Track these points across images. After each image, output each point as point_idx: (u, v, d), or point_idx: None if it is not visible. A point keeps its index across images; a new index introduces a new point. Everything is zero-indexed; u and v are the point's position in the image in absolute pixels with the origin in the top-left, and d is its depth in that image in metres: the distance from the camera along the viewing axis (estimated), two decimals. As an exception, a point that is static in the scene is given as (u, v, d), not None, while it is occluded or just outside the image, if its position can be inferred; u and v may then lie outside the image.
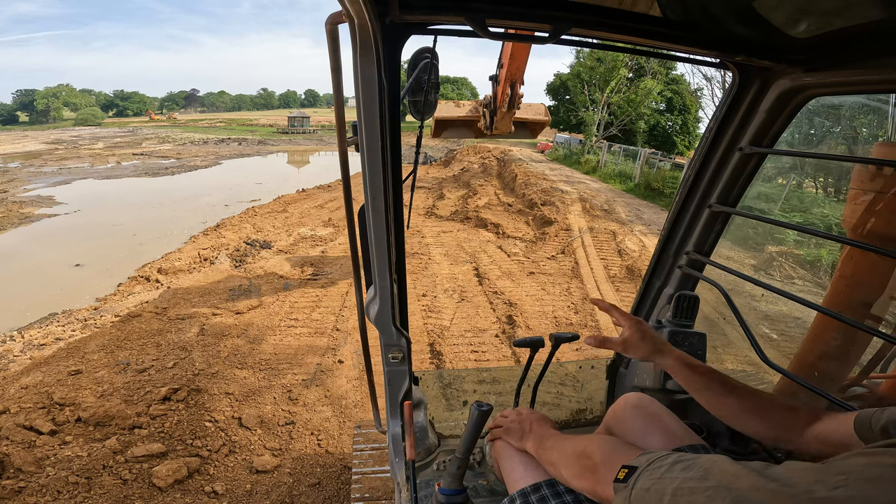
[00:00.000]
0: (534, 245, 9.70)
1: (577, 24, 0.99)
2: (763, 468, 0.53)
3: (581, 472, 0.92)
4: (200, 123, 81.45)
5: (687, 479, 0.60)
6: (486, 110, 6.53)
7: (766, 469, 0.53)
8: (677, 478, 0.62)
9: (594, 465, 0.88)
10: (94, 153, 34.90)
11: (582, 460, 0.93)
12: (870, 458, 0.49)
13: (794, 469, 0.52)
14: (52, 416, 3.62)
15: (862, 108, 5.39)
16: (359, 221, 1.25)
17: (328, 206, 14.31)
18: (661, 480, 0.64)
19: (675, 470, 0.64)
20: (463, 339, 5.46)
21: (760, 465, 0.55)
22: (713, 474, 0.57)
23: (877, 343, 1.71)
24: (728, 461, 0.58)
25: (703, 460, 0.61)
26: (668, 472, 0.64)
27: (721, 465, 0.58)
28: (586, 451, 0.93)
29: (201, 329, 5.45)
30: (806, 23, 1.01)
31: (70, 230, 12.67)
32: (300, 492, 3.11)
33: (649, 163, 19.44)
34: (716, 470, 0.57)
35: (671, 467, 0.65)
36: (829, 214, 7.38)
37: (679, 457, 0.67)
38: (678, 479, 0.61)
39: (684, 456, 0.66)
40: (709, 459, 0.61)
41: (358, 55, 0.93)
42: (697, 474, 0.59)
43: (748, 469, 0.54)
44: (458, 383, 2.23)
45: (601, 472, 0.85)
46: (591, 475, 0.88)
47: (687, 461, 0.64)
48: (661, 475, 0.65)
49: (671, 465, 0.65)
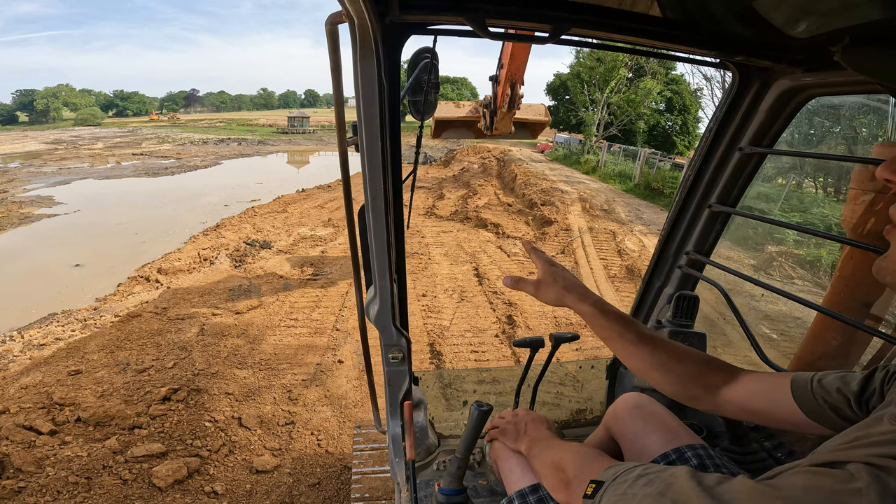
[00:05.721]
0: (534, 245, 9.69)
1: (576, 24, 0.99)
2: (716, 484, 0.53)
3: (556, 486, 0.91)
4: (200, 123, 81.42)
5: (647, 495, 0.60)
6: (486, 111, 6.52)
7: (717, 486, 0.53)
8: (637, 494, 0.62)
9: (567, 479, 0.87)
10: (93, 153, 34.90)
11: (557, 473, 0.92)
12: (810, 480, 0.48)
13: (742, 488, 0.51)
14: (52, 416, 3.61)
15: (862, 108, 5.40)
16: (359, 221, 1.25)
17: (328, 206, 14.31)
18: (624, 497, 0.64)
19: (637, 485, 0.63)
20: (463, 339, 5.46)
21: (715, 479, 0.54)
22: (671, 491, 0.57)
23: (877, 343, 1.71)
24: (687, 476, 0.57)
25: (666, 475, 0.61)
26: (630, 488, 0.64)
27: (679, 482, 0.57)
28: (561, 463, 0.92)
29: (201, 329, 5.45)
30: (806, 23, 1.01)
31: (70, 230, 12.67)
32: (300, 492, 3.11)
33: (649, 163, 19.44)
34: (676, 486, 0.57)
35: (634, 482, 0.64)
36: (828, 214, 7.38)
37: (644, 469, 0.66)
38: (638, 495, 0.61)
39: (650, 468, 0.66)
40: (671, 474, 0.60)
41: (358, 55, 0.93)
42: (657, 490, 0.59)
43: (700, 487, 0.53)
44: (458, 383, 2.23)
45: (574, 486, 0.84)
46: (566, 489, 0.87)
47: (650, 475, 0.63)
48: (623, 490, 0.65)
49: (634, 480, 0.65)
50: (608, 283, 7.48)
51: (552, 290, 1.02)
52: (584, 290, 1.01)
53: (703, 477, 0.56)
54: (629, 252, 9.02)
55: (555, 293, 1.02)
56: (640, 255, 8.78)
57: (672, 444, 1.16)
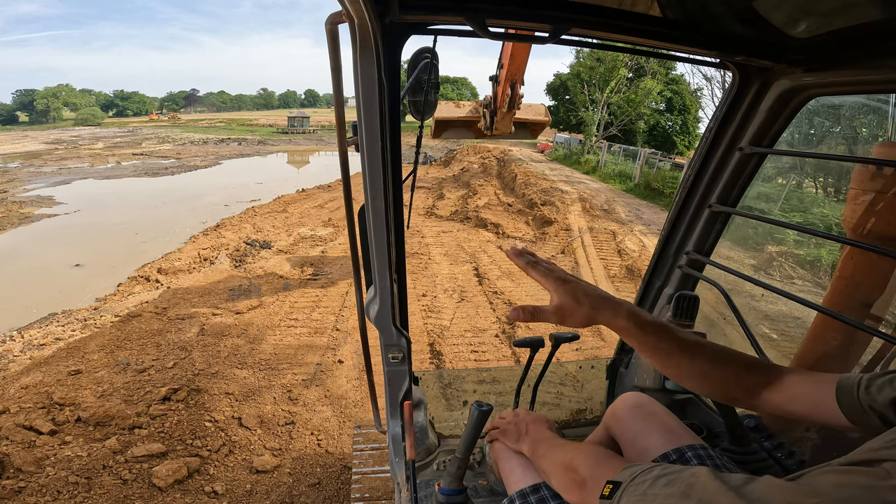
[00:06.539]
0: (534, 245, 9.70)
1: (576, 24, 0.99)
2: (742, 484, 0.53)
3: (569, 486, 0.90)
4: (200, 123, 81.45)
5: (669, 495, 0.59)
6: (487, 111, 6.53)
7: (744, 486, 0.52)
8: (659, 494, 0.61)
9: (581, 479, 0.86)
10: (93, 153, 34.90)
11: (569, 473, 0.91)
12: (842, 478, 0.48)
13: (771, 487, 0.51)
14: (52, 416, 3.61)
15: (862, 108, 5.39)
16: (359, 221, 1.25)
17: (328, 206, 14.32)
18: (645, 497, 0.63)
19: (657, 485, 0.63)
20: (463, 339, 5.46)
21: (741, 479, 0.54)
22: (695, 491, 0.56)
23: (877, 343, 1.71)
24: (710, 476, 0.56)
25: (686, 474, 0.60)
26: (650, 488, 0.63)
27: (703, 482, 0.56)
28: (573, 463, 0.92)
29: (201, 329, 5.45)
30: (806, 23, 1.01)
31: (70, 230, 12.68)
32: (300, 492, 3.11)
33: (649, 163, 19.45)
34: (698, 486, 0.56)
35: (654, 482, 0.64)
36: (828, 214, 7.37)
37: (663, 469, 0.65)
38: (660, 495, 0.61)
39: (668, 468, 0.65)
40: (692, 474, 0.59)
41: (358, 55, 0.93)
42: (679, 490, 0.58)
43: (727, 487, 0.53)
44: (458, 383, 2.23)
45: (588, 486, 0.83)
46: (579, 490, 0.86)
47: (670, 475, 0.63)
48: (644, 491, 0.64)
49: (654, 480, 0.64)
50: (608, 283, 7.48)
51: (580, 312, 0.86)
52: (614, 302, 0.88)
53: (726, 477, 0.55)
54: (629, 252, 9.02)
55: (584, 316, 0.87)
56: (640, 255, 8.78)
57: (672, 444, 1.16)
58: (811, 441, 1.69)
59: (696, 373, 0.87)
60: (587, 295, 0.87)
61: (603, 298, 0.88)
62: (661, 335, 0.87)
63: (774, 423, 1.70)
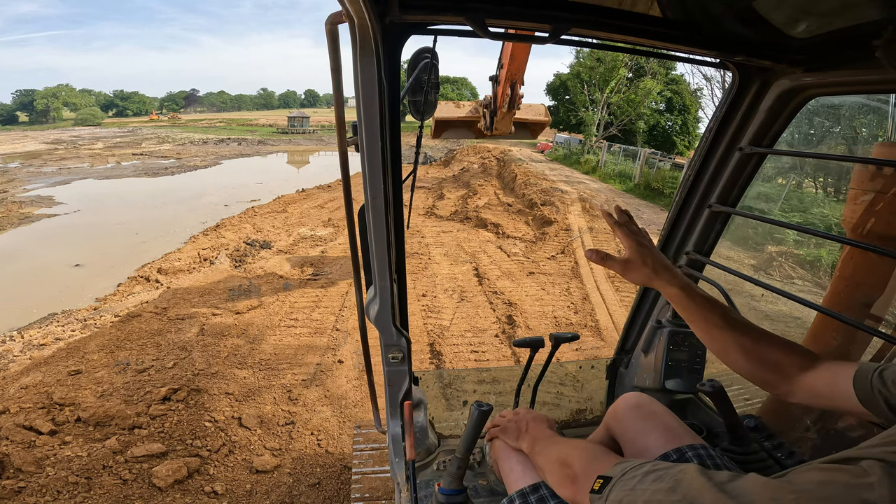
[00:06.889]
0: (533, 245, 9.70)
1: (576, 24, 0.99)
2: (727, 481, 0.54)
3: (562, 481, 0.92)
4: (200, 123, 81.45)
5: (657, 490, 0.61)
6: (486, 111, 6.52)
7: (729, 482, 0.54)
8: (648, 489, 0.62)
9: (574, 474, 0.88)
10: (93, 153, 34.90)
11: (563, 469, 0.92)
12: (823, 475, 0.49)
13: (754, 484, 0.52)
14: (52, 416, 3.61)
15: (862, 108, 5.39)
16: (359, 221, 1.25)
17: (328, 206, 14.32)
18: (633, 492, 0.64)
19: (646, 481, 0.64)
20: (463, 340, 5.46)
21: (726, 476, 0.55)
22: (681, 487, 0.57)
23: (877, 343, 1.71)
24: (697, 473, 0.58)
25: (674, 471, 0.61)
26: (639, 483, 0.65)
27: (690, 478, 0.58)
28: (567, 459, 0.93)
29: (201, 329, 5.45)
30: (806, 23, 1.01)
31: (69, 230, 12.68)
32: (300, 492, 3.11)
33: (649, 163, 19.45)
34: (685, 482, 0.58)
35: (643, 478, 0.65)
36: (828, 214, 7.37)
37: (653, 466, 0.67)
38: (648, 490, 0.62)
39: (658, 465, 0.66)
40: (680, 470, 0.61)
41: (358, 55, 0.93)
42: (667, 486, 0.60)
43: (712, 483, 0.55)
44: (458, 383, 2.23)
45: (580, 481, 0.84)
46: (572, 485, 0.87)
47: (659, 471, 0.64)
48: (633, 486, 0.65)
49: (643, 476, 0.65)
50: (608, 283, 7.48)
51: (642, 271, 0.99)
52: (673, 272, 0.99)
53: (712, 474, 0.57)
54: (629, 252, 9.01)
55: (644, 275, 0.99)
56: (640, 255, 8.76)
57: (672, 444, 1.16)
58: (811, 441, 1.69)
59: (739, 348, 0.92)
60: (654, 259, 0.99)
61: (666, 267, 0.99)
62: (710, 307, 0.95)
63: (774, 423, 1.70)
